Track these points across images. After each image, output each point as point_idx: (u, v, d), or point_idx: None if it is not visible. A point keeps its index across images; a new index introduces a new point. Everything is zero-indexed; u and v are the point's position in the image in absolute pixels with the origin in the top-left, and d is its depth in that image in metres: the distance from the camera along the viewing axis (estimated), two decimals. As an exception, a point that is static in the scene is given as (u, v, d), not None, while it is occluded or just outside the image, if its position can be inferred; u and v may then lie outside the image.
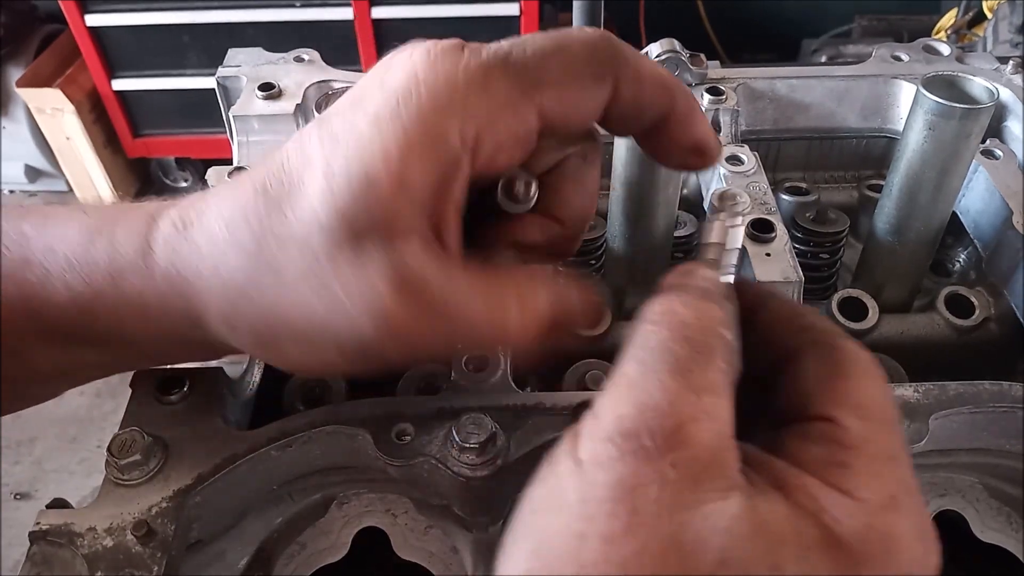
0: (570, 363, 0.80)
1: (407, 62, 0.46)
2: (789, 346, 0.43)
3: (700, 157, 0.52)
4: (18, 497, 2.50)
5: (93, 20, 3.18)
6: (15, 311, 0.52)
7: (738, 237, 0.46)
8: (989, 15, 2.53)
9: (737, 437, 0.39)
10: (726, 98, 1.00)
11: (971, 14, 2.71)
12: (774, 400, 0.43)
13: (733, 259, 0.45)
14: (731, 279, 0.45)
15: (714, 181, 0.96)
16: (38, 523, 0.61)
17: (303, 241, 0.44)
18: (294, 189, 0.45)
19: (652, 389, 0.36)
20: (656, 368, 0.37)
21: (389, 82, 0.45)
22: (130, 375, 0.71)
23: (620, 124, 0.51)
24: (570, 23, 1.57)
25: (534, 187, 0.52)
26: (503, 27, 2.92)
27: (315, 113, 0.75)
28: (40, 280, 0.51)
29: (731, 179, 0.92)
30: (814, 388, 0.41)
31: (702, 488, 0.35)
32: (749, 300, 0.45)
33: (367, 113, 0.45)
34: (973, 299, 0.91)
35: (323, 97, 0.77)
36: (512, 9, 2.91)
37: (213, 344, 0.52)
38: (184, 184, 3.69)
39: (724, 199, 0.51)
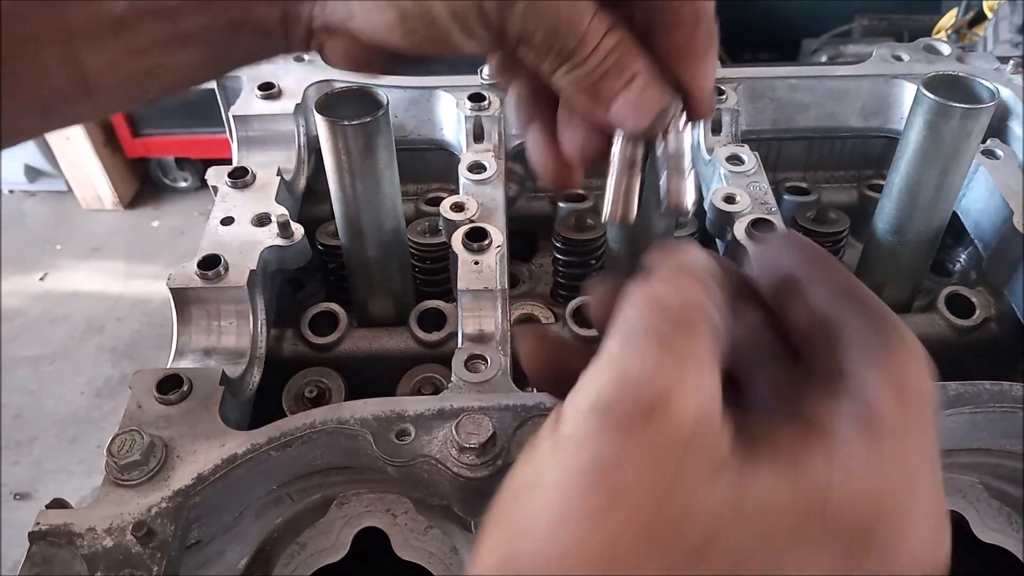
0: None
1: None
2: (835, 313, 0.40)
3: (685, 104, 0.47)
4: (18, 497, 2.50)
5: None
6: None
7: (686, 141, 0.48)
8: (989, 15, 2.53)
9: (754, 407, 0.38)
10: (726, 98, 1.00)
11: (971, 14, 2.71)
12: (804, 365, 0.41)
13: (688, 161, 0.47)
14: (692, 176, 0.47)
15: (714, 181, 0.96)
16: (38, 523, 0.61)
17: None
18: None
19: (633, 361, 0.35)
20: (637, 342, 0.36)
21: None
22: (130, 375, 0.71)
23: (645, 18, 0.45)
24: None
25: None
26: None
27: (315, 113, 0.75)
28: None
29: (731, 179, 0.92)
30: (856, 354, 0.38)
31: (688, 464, 0.33)
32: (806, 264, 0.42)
33: None
34: (973, 299, 0.91)
35: (323, 97, 0.76)
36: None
37: None
38: (184, 184, 3.69)
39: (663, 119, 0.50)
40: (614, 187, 0.49)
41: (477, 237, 0.81)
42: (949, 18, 2.80)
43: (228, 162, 0.98)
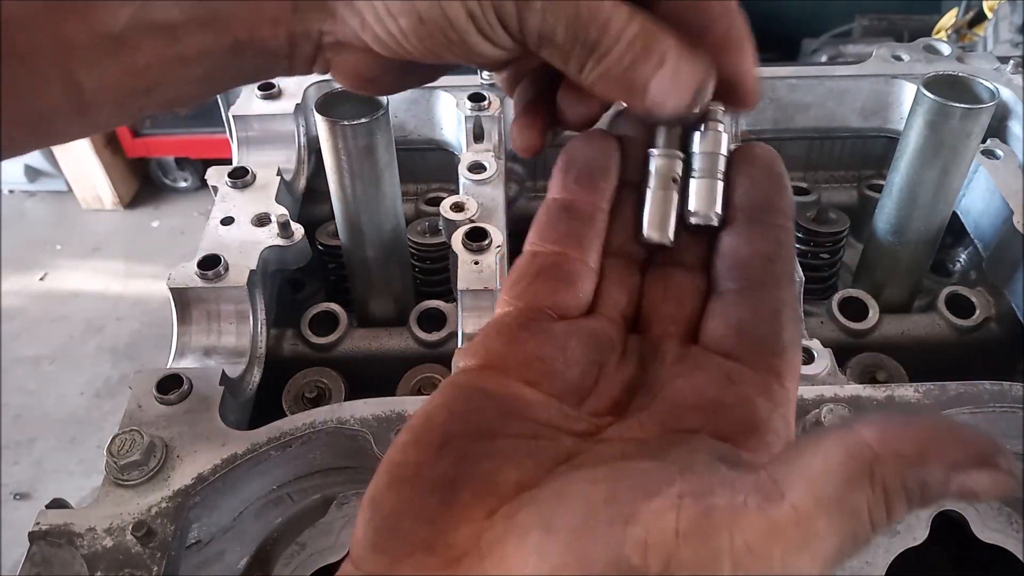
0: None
1: None
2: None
3: (741, 94, 0.46)
4: (17, 497, 2.50)
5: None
6: None
7: (724, 139, 0.45)
8: (989, 15, 2.53)
9: None
10: (726, 98, 1.00)
11: (971, 14, 2.71)
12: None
13: (722, 165, 0.45)
14: (721, 186, 0.44)
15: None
16: (38, 523, 0.61)
17: None
18: None
19: None
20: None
21: None
22: (130, 375, 0.71)
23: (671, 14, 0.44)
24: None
25: None
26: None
27: (315, 113, 0.75)
28: None
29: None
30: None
31: None
32: None
33: None
34: (973, 299, 0.91)
35: (323, 97, 0.76)
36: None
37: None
38: (184, 184, 3.69)
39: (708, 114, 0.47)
40: (651, 204, 0.45)
41: (477, 237, 0.81)
42: (949, 18, 2.80)
43: (228, 162, 0.98)
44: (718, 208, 0.44)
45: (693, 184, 0.45)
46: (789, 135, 1.08)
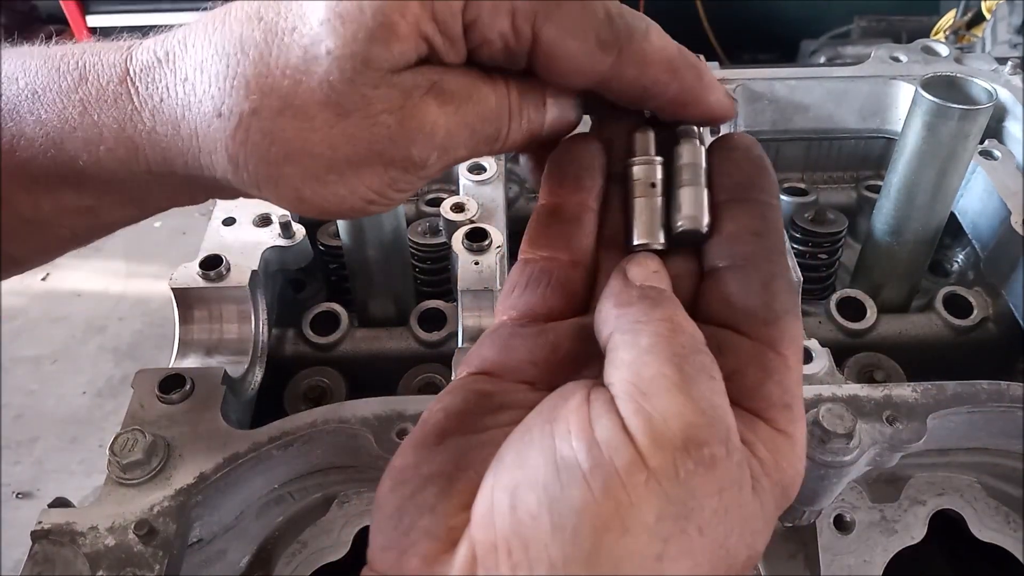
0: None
1: None
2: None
3: (713, 122, 0.49)
4: (19, 496, 2.51)
5: (94, 20, 3.18)
6: None
7: (703, 151, 0.47)
8: (988, 16, 2.53)
9: None
10: (725, 99, 1.01)
11: (970, 15, 2.71)
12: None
13: (704, 175, 0.46)
14: (706, 193, 0.46)
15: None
16: (40, 522, 0.61)
17: (319, 71, 0.41)
18: (293, 15, 0.42)
19: (703, 394, 0.36)
20: (695, 373, 0.37)
21: None
22: (131, 375, 0.72)
23: (621, 98, 0.48)
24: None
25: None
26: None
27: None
28: (7, 112, 0.48)
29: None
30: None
31: (746, 492, 0.37)
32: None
33: None
34: (971, 299, 0.91)
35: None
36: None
37: (205, 183, 0.49)
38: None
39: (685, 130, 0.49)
40: (637, 211, 0.46)
41: (477, 237, 0.82)
42: (947, 19, 2.80)
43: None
44: (706, 216, 0.45)
45: (678, 194, 0.46)
46: (788, 136, 1.08)
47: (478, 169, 0.95)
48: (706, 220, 0.45)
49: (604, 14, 0.44)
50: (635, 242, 0.46)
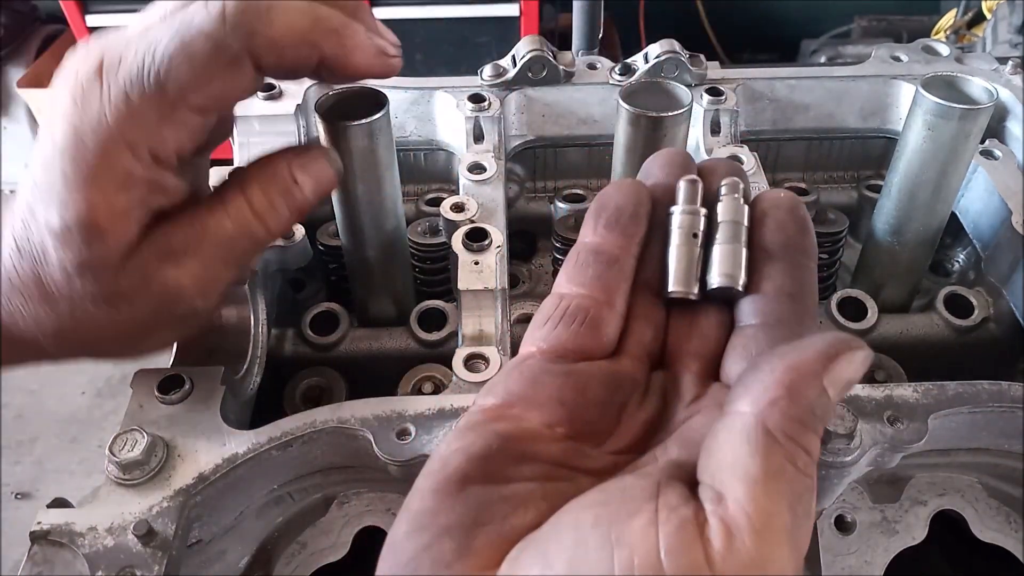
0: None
1: (60, 107, 0.51)
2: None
3: (367, 77, 0.56)
4: (19, 496, 2.50)
5: (94, 20, 3.17)
6: None
7: (745, 209, 0.47)
8: (988, 15, 2.53)
9: None
10: (725, 99, 1.01)
11: (970, 14, 2.71)
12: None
13: (745, 234, 0.46)
14: (745, 253, 0.45)
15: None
16: (39, 522, 0.61)
17: (78, 287, 0.52)
18: (33, 237, 0.53)
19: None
20: None
21: (56, 136, 0.52)
22: (131, 375, 0.71)
23: (284, 77, 0.56)
24: (570, 23, 1.57)
25: None
26: (503, 27, 2.91)
27: (315, 114, 0.75)
28: None
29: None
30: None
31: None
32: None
33: (45, 166, 0.53)
34: (972, 299, 0.91)
35: (324, 98, 0.77)
36: (512, 10, 2.90)
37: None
38: (184, 184, 3.69)
39: (723, 177, 0.49)
40: (675, 260, 0.47)
41: (477, 237, 0.82)
42: (948, 19, 2.80)
43: (229, 162, 0.98)
44: (743, 275, 0.45)
45: (717, 250, 0.46)
46: (788, 136, 1.08)
47: (478, 169, 0.94)
48: (743, 280, 0.45)
49: (211, 45, 0.50)
50: (670, 289, 0.46)
